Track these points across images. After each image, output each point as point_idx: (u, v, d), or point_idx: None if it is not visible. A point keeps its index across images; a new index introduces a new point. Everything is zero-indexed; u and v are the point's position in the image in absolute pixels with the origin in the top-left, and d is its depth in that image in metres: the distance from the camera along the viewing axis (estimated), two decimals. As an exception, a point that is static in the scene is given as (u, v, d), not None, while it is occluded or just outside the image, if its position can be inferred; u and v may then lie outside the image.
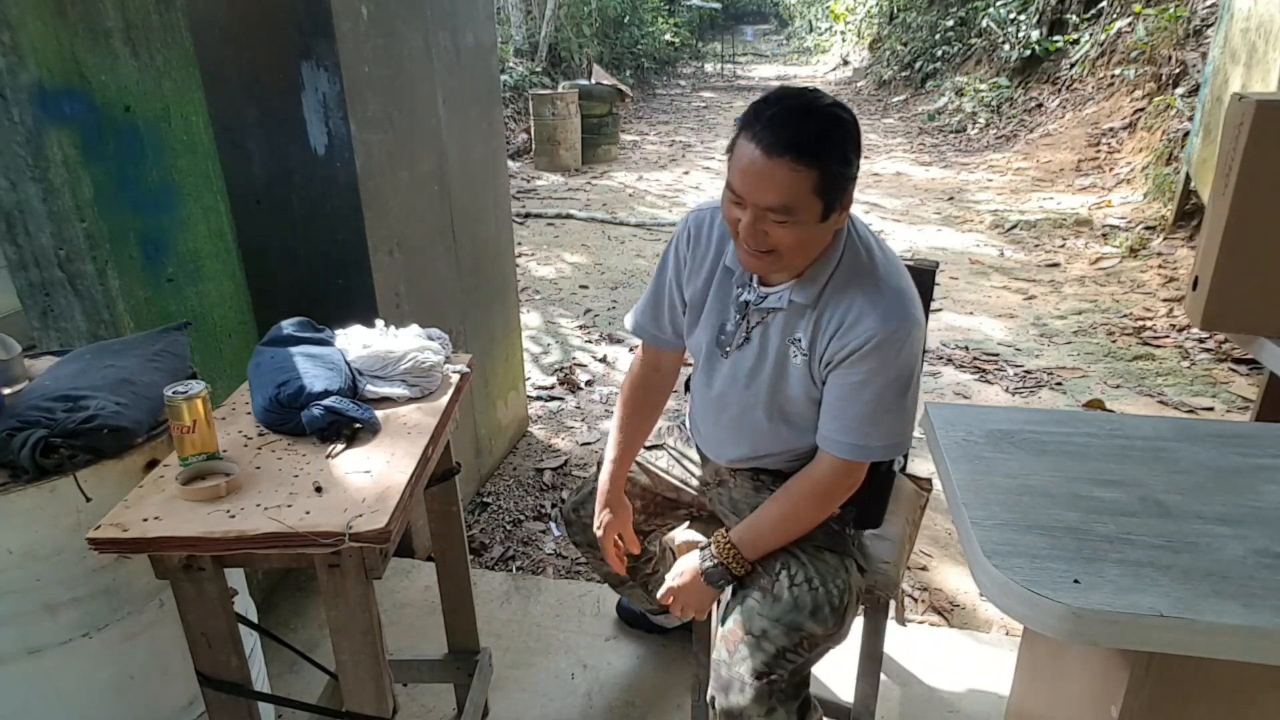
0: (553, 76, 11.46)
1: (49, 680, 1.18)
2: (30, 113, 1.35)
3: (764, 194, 1.14)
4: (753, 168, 1.13)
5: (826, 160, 1.12)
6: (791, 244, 1.18)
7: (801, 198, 1.13)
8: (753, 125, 1.14)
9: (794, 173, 1.11)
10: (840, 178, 1.15)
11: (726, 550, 1.34)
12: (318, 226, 1.93)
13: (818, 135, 1.12)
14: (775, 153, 1.11)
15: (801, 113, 1.12)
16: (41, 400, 1.18)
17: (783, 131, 1.10)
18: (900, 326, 1.21)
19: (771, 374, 1.34)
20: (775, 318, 1.32)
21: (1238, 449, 1.01)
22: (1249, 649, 0.73)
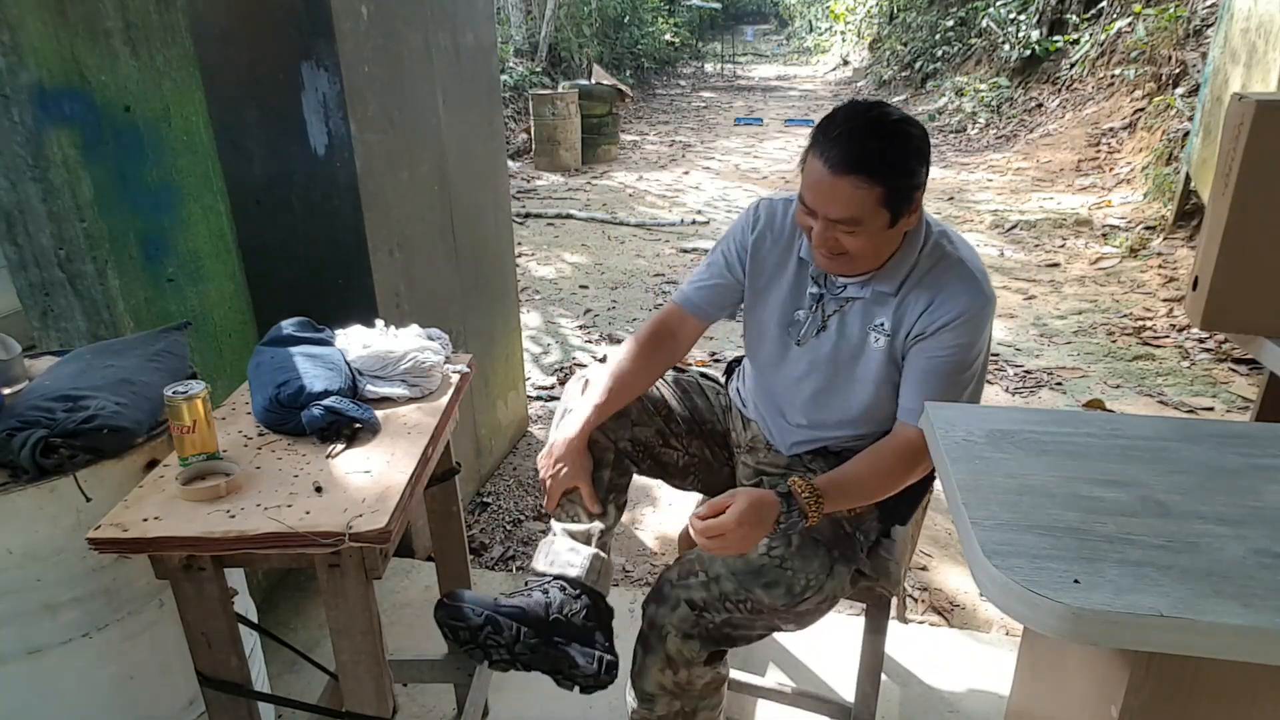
0: (553, 76, 11.46)
1: (49, 680, 1.18)
2: (30, 113, 1.35)
3: (831, 208, 1.21)
4: (820, 184, 1.20)
5: (890, 175, 1.18)
6: (862, 249, 1.25)
7: (867, 210, 1.19)
8: (821, 143, 1.20)
9: (858, 189, 1.17)
10: (906, 189, 1.21)
11: (808, 493, 1.26)
12: (318, 226, 1.93)
13: (881, 152, 1.17)
14: (841, 170, 1.17)
15: (865, 131, 1.18)
16: (41, 400, 1.18)
17: (848, 149, 1.17)
18: (987, 304, 1.30)
19: (849, 361, 1.40)
20: (854, 306, 1.38)
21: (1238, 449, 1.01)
22: (1249, 649, 0.73)
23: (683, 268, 5.28)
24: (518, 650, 1.23)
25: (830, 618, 1.92)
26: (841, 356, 1.40)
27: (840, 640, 1.95)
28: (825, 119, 1.23)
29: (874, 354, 1.37)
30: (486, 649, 1.23)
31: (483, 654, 1.24)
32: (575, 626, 1.28)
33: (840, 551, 1.36)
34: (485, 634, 1.22)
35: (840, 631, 1.99)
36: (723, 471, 1.61)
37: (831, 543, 1.34)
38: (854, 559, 1.38)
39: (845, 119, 1.19)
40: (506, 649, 1.23)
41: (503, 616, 1.24)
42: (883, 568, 1.44)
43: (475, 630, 1.22)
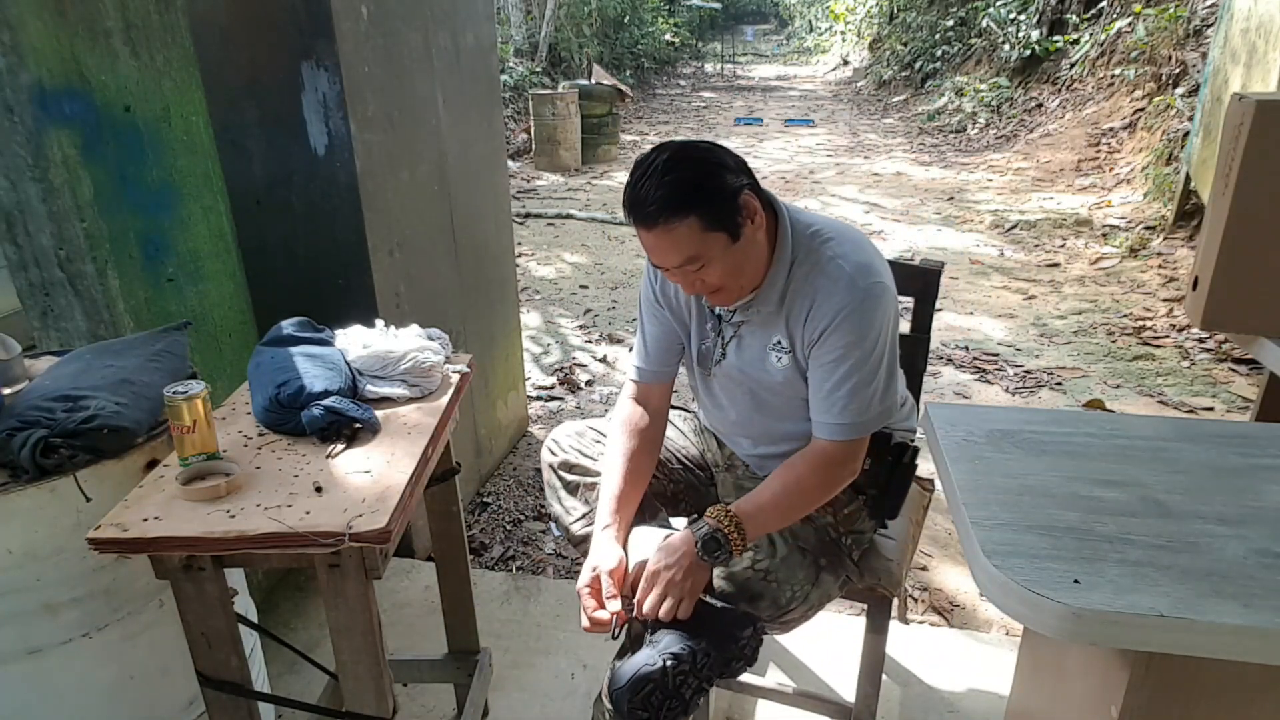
0: (553, 76, 11.46)
1: (49, 680, 1.18)
2: (30, 113, 1.35)
3: (666, 259, 1.21)
4: (646, 243, 1.22)
5: (693, 201, 1.16)
6: (725, 275, 1.24)
7: (696, 243, 1.18)
8: (627, 206, 1.21)
9: (672, 230, 1.17)
10: (722, 202, 1.19)
11: (727, 520, 1.22)
12: (318, 226, 1.93)
13: (671, 186, 1.16)
14: (650, 222, 1.17)
15: (650, 178, 1.17)
16: (41, 400, 1.18)
17: (644, 202, 1.17)
18: (865, 295, 1.24)
19: (759, 383, 1.39)
20: (745, 329, 1.36)
21: (1238, 449, 1.01)
22: (1249, 649, 0.73)
23: (683, 268, 5.27)
24: (699, 664, 1.17)
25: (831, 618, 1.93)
26: (749, 379, 1.39)
27: (841, 640, 1.95)
28: (629, 179, 1.21)
29: (780, 373, 1.35)
30: (681, 691, 1.16)
31: (683, 700, 1.16)
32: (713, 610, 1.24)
33: (827, 559, 1.35)
34: (674, 674, 1.15)
35: (840, 631, 1.99)
36: (709, 493, 1.60)
37: (817, 551, 1.34)
38: (841, 566, 1.38)
39: (638, 173, 1.19)
40: (694, 674, 1.17)
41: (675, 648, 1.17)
42: (883, 568, 1.44)
43: (664, 676, 1.15)
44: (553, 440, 1.56)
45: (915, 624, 2.06)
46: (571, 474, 1.51)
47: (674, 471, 1.58)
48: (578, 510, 1.49)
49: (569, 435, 1.55)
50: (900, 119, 11.40)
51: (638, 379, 1.50)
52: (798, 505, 1.30)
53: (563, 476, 1.51)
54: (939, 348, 3.86)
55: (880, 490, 1.41)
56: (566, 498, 1.50)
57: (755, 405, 1.43)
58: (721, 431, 1.56)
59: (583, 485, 1.49)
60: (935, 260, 1.61)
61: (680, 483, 1.58)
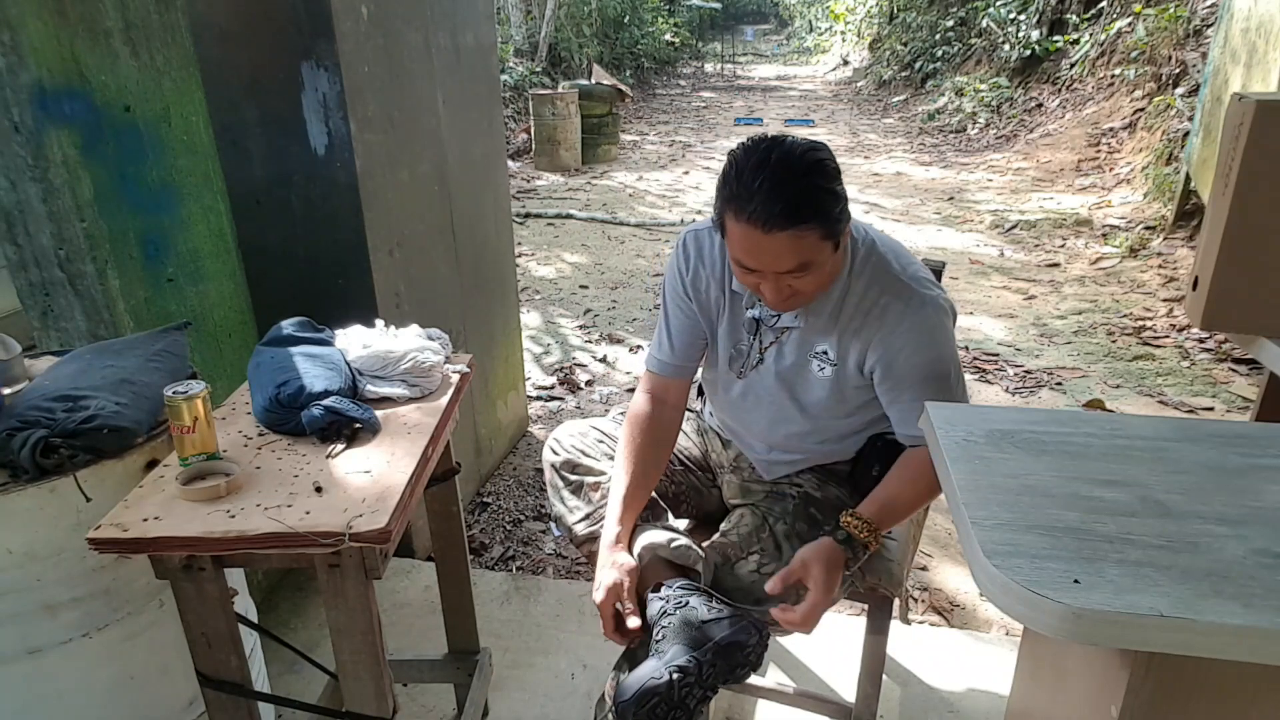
0: (553, 76, 11.46)
1: (49, 680, 1.18)
2: (30, 113, 1.35)
3: (777, 263, 1.16)
4: (757, 245, 1.15)
5: (822, 212, 1.14)
6: (816, 285, 1.22)
7: (813, 252, 1.16)
8: (740, 201, 1.13)
9: (799, 238, 1.13)
10: (839, 214, 1.17)
11: (862, 527, 1.23)
12: (318, 226, 1.93)
13: (807, 195, 1.12)
14: (775, 227, 1.11)
15: (785, 177, 1.11)
16: (41, 400, 1.18)
17: (775, 204, 1.10)
18: (936, 312, 1.27)
19: (792, 389, 1.37)
20: (790, 335, 1.35)
21: (1238, 449, 1.01)
22: (1249, 649, 0.73)
23: (683, 268, 5.27)
24: (705, 676, 1.17)
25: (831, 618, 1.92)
26: (784, 386, 1.38)
27: (841, 640, 1.95)
28: (730, 173, 1.15)
29: (819, 382, 1.34)
30: (685, 702, 1.16)
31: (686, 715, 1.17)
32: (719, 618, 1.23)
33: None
34: (680, 687, 1.16)
35: (841, 632, 1.99)
36: (712, 494, 1.60)
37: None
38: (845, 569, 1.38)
39: (756, 168, 1.12)
40: (699, 684, 1.17)
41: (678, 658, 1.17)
42: (884, 568, 1.44)
43: (670, 689, 1.15)
44: (554, 440, 1.56)
45: (915, 624, 2.06)
46: (574, 474, 1.51)
47: (675, 472, 1.57)
48: (581, 510, 1.48)
49: (571, 435, 1.55)
50: (900, 119, 11.40)
51: (657, 371, 1.48)
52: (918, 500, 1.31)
53: (565, 477, 1.51)
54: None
55: None
56: (569, 498, 1.50)
57: (783, 412, 1.41)
58: (736, 433, 1.54)
59: (585, 485, 1.49)
60: (935, 260, 1.61)
61: (682, 484, 1.58)
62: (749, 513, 1.42)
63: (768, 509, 1.41)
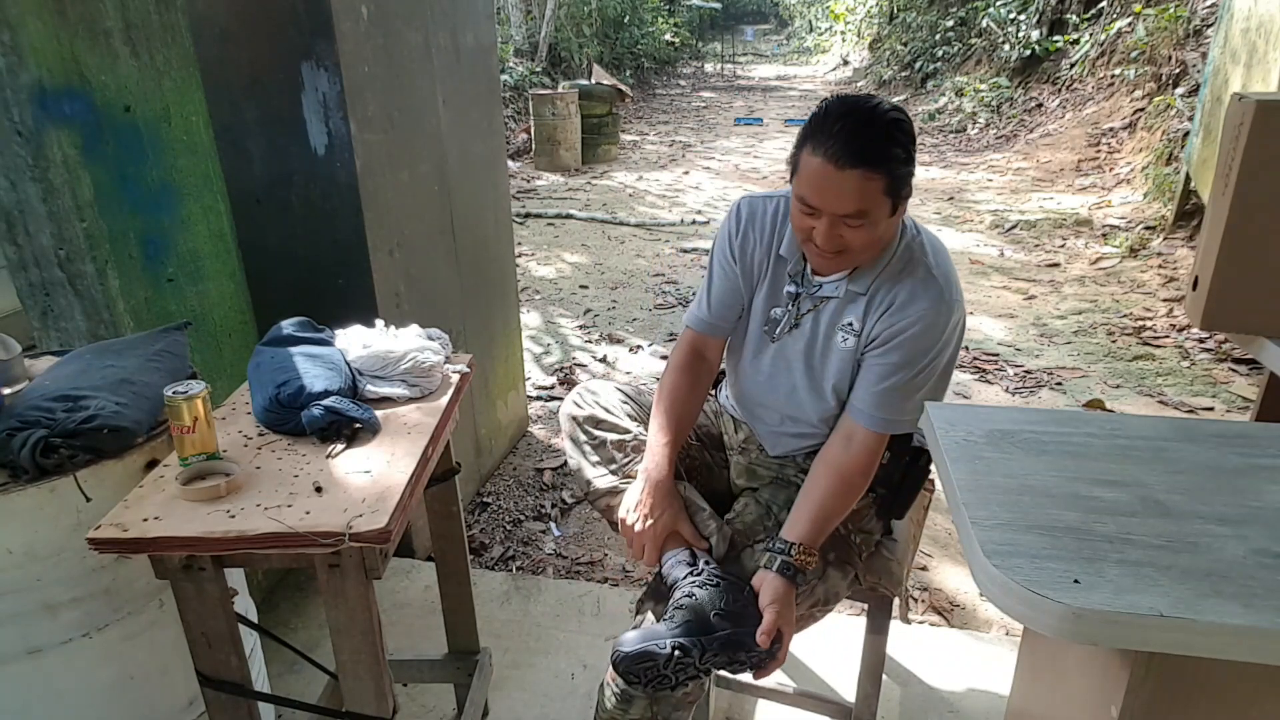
0: (553, 76, 11.46)
1: (49, 680, 1.18)
2: (30, 113, 1.35)
3: (839, 203, 1.19)
4: (826, 181, 1.19)
5: (892, 163, 1.18)
6: (865, 242, 1.25)
7: (874, 201, 1.19)
8: (818, 138, 1.19)
9: (866, 180, 1.17)
10: (905, 175, 1.21)
11: (805, 558, 1.28)
12: (318, 226, 1.93)
13: (882, 140, 1.17)
14: (847, 164, 1.16)
15: (865, 123, 1.18)
16: (41, 400, 1.18)
17: (850, 143, 1.16)
18: (947, 311, 1.29)
19: (820, 358, 1.40)
20: (828, 305, 1.38)
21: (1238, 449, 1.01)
22: (1249, 649, 0.73)
23: (683, 268, 5.28)
24: (703, 661, 1.21)
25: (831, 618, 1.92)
26: (812, 355, 1.40)
27: (841, 640, 1.95)
28: (818, 116, 1.22)
29: (841, 353, 1.36)
30: (678, 674, 1.21)
31: (673, 681, 1.21)
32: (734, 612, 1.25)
33: (836, 555, 1.36)
34: (675, 663, 1.19)
35: (841, 631, 1.99)
36: (722, 475, 1.61)
37: (828, 545, 1.34)
38: (850, 562, 1.38)
39: (840, 113, 1.19)
40: (694, 665, 1.21)
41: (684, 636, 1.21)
42: (885, 568, 1.44)
43: (667, 661, 1.19)
44: (579, 394, 1.56)
45: (915, 624, 2.06)
46: (598, 429, 1.52)
47: (692, 447, 1.58)
48: (602, 466, 1.49)
49: (595, 392, 1.56)
50: (900, 119, 11.38)
51: (695, 328, 1.51)
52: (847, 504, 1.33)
53: (589, 431, 1.52)
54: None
55: (891, 490, 1.41)
56: (591, 453, 1.51)
57: (801, 380, 1.43)
58: (750, 407, 1.54)
59: (609, 442, 1.50)
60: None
61: (696, 459, 1.58)
62: (753, 502, 1.44)
63: (771, 498, 1.44)
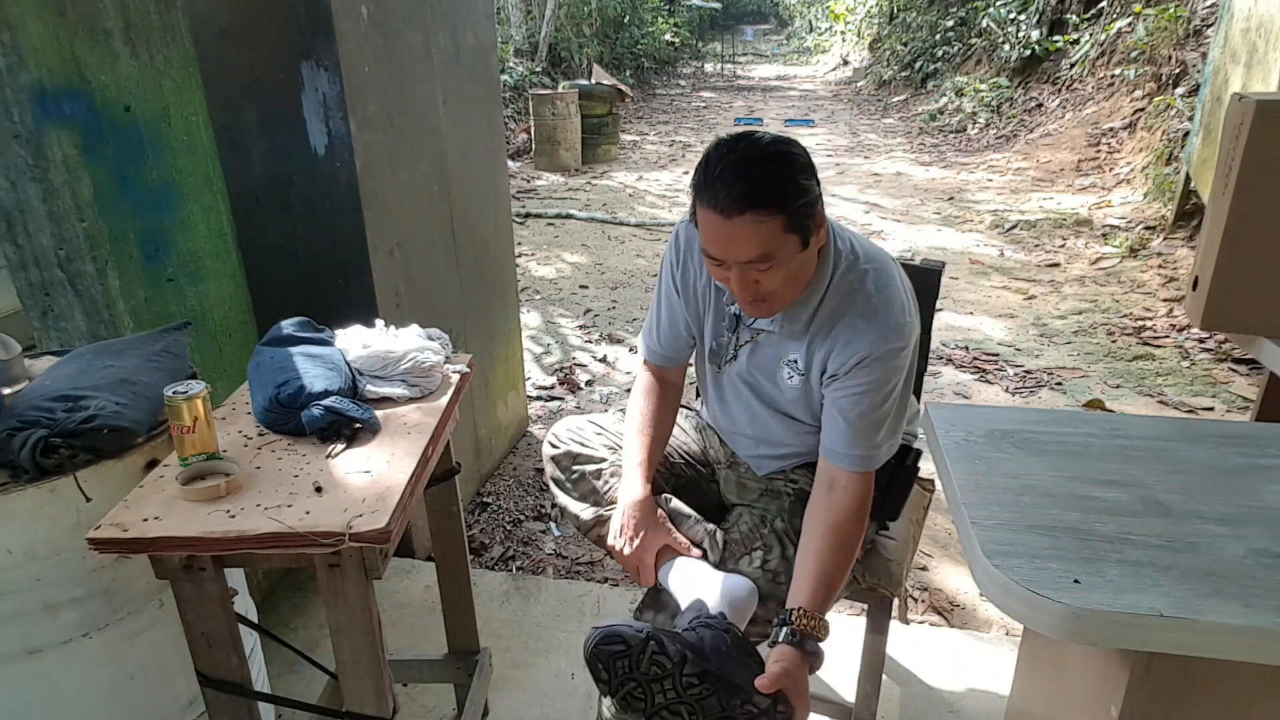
0: (553, 76, 11.46)
1: (49, 680, 1.18)
2: (30, 113, 1.35)
3: (739, 252, 1.15)
4: (719, 232, 1.14)
5: (785, 199, 1.12)
6: (782, 283, 1.20)
7: (776, 242, 1.14)
8: (704, 190, 1.14)
9: (759, 224, 1.11)
10: (804, 207, 1.15)
11: (809, 623, 1.17)
12: (318, 226, 1.93)
13: (767, 178, 1.12)
14: (735, 211, 1.11)
15: (746, 164, 1.12)
16: (41, 400, 1.18)
17: (734, 188, 1.11)
18: (896, 338, 1.24)
19: (766, 393, 1.40)
20: (764, 338, 1.36)
21: (1238, 449, 1.01)
22: (1249, 649, 0.73)
23: (683, 268, 5.28)
24: (685, 678, 1.08)
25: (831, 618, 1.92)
26: (757, 387, 1.40)
27: (841, 640, 1.95)
28: (701, 164, 1.16)
29: (789, 390, 1.36)
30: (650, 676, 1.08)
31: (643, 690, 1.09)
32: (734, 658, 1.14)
33: None
34: (649, 657, 1.08)
35: (841, 631, 1.98)
36: (711, 489, 1.61)
37: None
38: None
39: (719, 159, 1.14)
40: (672, 680, 1.09)
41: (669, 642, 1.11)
42: (884, 568, 1.44)
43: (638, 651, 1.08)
44: (553, 435, 1.57)
45: (915, 624, 2.06)
46: (575, 465, 1.52)
47: (677, 466, 1.58)
48: (585, 500, 1.50)
49: (569, 429, 1.57)
50: (900, 119, 11.40)
51: (651, 360, 1.52)
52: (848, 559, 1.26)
53: (565, 467, 1.52)
54: (939, 348, 3.86)
55: (881, 491, 1.41)
56: (572, 489, 1.51)
57: (756, 411, 1.44)
58: (723, 429, 1.57)
59: (587, 474, 1.50)
60: (935, 260, 1.61)
61: (683, 478, 1.59)
62: (746, 512, 1.43)
63: (764, 508, 1.43)
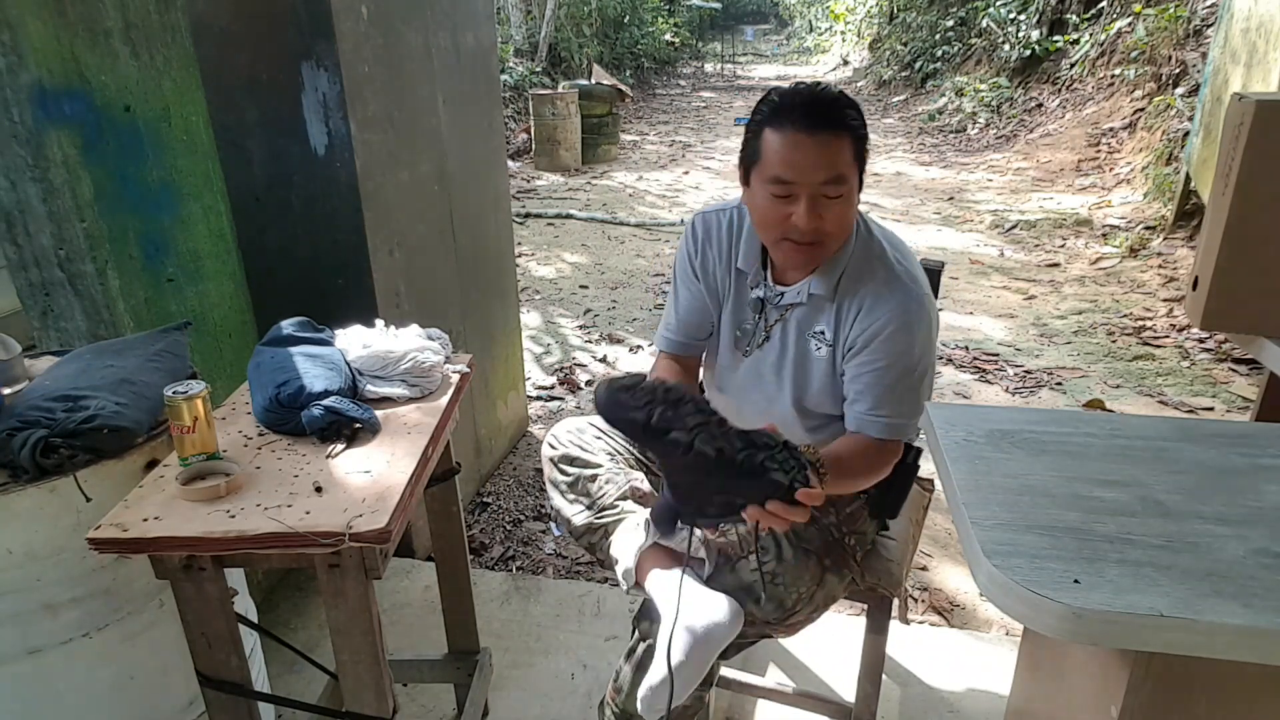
0: (553, 76, 11.46)
1: (49, 680, 1.18)
2: (30, 113, 1.35)
3: (817, 170, 1.20)
4: (799, 150, 1.20)
5: (855, 126, 1.22)
6: (841, 220, 1.25)
7: (847, 165, 1.21)
8: (778, 117, 1.21)
9: (837, 141, 1.19)
10: (864, 142, 1.24)
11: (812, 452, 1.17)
12: (318, 226, 1.93)
13: (839, 104, 1.21)
14: (817, 128, 1.19)
15: (819, 93, 1.22)
16: (41, 400, 1.18)
17: (814, 109, 1.19)
18: (918, 309, 1.28)
19: (794, 369, 1.39)
20: (794, 313, 1.37)
21: (1238, 449, 1.01)
22: (1249, 649, 0.73)
23: (683, 268, 5.28)
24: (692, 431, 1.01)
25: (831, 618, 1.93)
26: (785, 366, 1.39)
27: (841, 640, 1.95)
28: (769, 102, 1.24)
29: (818, 363, 1.36)
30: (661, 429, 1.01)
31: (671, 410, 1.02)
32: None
33: (831, 560, 1.35)
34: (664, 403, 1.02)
35: (841, 631, 1.98)
36: None
37: (822, 551, 1.34)
38: (845, 566, 1.38)
39: (792, 91, 1.22)
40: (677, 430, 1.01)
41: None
42: (884, 568, 1.44)
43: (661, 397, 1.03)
44: (552, 436, 1.56)
45: (915, 624, 2.06)
46: (572, 467, 1.51)
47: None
48: (579, 503, 1.49)
49: (569, 430, 1.56)
50: (900, 119, 11.39)
51: (667, 349, 1.51)
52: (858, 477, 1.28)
53: (563, 470, 1.52)
54: (939, 348, 3.85)
55: (881, 490, 1.41)
56: (568, 491, 1.51)
57: (776, 392, 1.42)
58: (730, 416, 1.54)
59: (583, 478, 1.49)
60: (935, 260, 1.61)
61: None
62: None
63: None
